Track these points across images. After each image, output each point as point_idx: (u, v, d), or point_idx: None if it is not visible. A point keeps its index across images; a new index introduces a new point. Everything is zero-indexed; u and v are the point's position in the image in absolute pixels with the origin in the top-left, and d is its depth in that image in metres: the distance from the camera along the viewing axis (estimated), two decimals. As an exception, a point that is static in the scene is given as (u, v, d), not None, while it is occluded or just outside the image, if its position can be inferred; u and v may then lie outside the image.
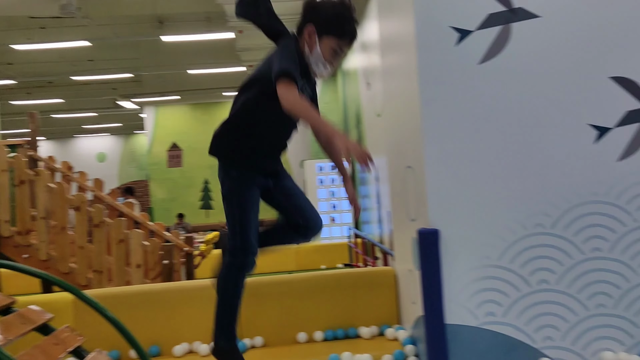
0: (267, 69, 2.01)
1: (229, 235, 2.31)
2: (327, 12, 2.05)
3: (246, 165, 2.17)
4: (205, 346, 3.84)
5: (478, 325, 3.27)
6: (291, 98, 1.88)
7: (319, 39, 2.04)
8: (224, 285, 2.49)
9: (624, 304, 3.31)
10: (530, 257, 3.30)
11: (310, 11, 2.06)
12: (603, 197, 3.30)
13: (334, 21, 2.06)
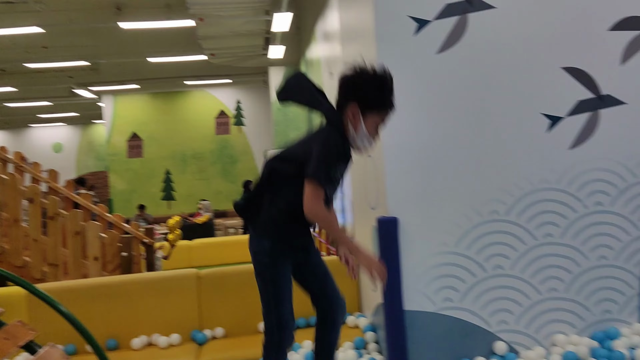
0: (307, 156, 1.91)
1: (264, 313, 2.15)
2: (369, 89, 1.95)
3: (282, 240, 2.04)
4: (164, 338, 3.80)
5: (436, 311, 3.34)
6: (314, 207, 1.86)
7: (363, 117, 1.95)
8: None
9: (575, 288, 3.42)
10: (486, 243, 3.37)
11: (352, 88, 1.95)
12: (555, 184, 3.40)
13: (377, 97, 1.97)
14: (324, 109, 1.88)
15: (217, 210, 15.08)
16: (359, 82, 1.93)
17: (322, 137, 1.89)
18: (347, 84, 1.94)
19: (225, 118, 16.15)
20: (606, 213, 3.43)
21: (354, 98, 1.92)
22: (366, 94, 1.93)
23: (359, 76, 1.94)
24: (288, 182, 1.93)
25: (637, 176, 3.44)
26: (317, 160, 1.84)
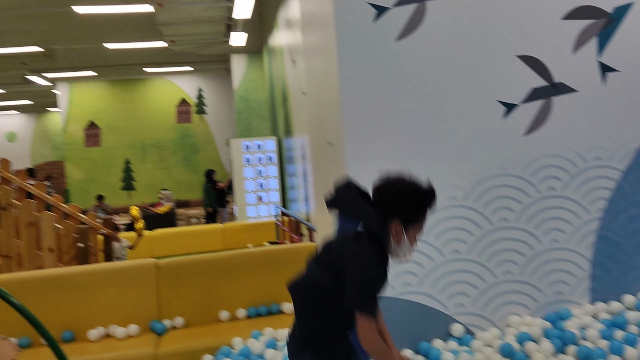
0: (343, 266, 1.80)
1: None
2: (412, 206, 1.84)
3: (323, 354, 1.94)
4: (122, 329, 3.74)
5: (395, 296, 3.38)
6: (371, 341, 1.75)
7: (406, 230, 1.84)
8: None
9: (529, 271, 3.52)
10: (444, 229, 3.43)
11: (395, 206, 1.83)
12: (510, 170, 3.48)
13: (419, 211, 1.86)
14: (372, 223, 1.80)
15: (179, 200, 14.88)
16: (402, 199, 1.84)
17: (361, 256, 1.78)
18: (389, 200, 1.83)
19: (187, 106, 15.89)
20: (559, 198, 3.53)
21: (396, 215, 1.82)
22: (409, 211, 1.84)
23: (401, 193, 1.85)
24: (328, 299, 1.84)
25: (587, 162, 3.55)
26: (361, 289, 1.75)
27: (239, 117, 12.47)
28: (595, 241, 3.57)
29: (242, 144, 10.93)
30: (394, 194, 1.79)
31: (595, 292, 3.58)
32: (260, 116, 12.35)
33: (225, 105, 15.63)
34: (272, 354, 3.42)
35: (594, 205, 3.57)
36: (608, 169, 3.57)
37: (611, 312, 3.48)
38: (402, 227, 1.79)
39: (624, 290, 3.60)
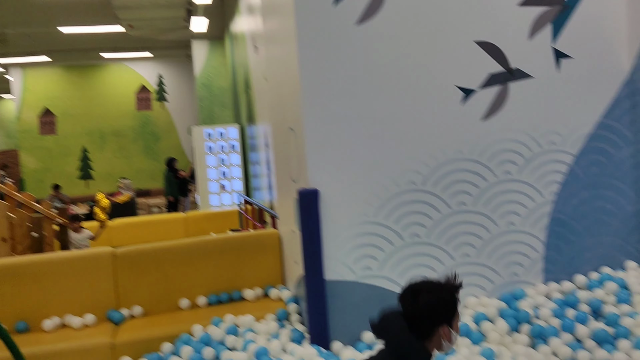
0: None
1: None
2: (451, 307, 1.92)
3: None
4: (78, 319, 3.65)
5: (356, 280, 3.41)
6: None
7: (452, 327, 1.93)
8: None
9: (486, 253, 3.60)
10: (404, 212, 3.46)
11: (445, 312, 1.90)
12: (468, 154, 3.54)
13: (456, 305, 1.95)
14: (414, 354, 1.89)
15: (140, 189, 14.59)
16: (443, 304, 1.90)
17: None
18: (434, 311, 1.88)
19: (147, 93, 15.53)
20: (514, 182, 3.61)
21: (442, 322, 1.89)
22: (451, 312, 1.92)
23: (437, 304, 1.90)
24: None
25: (542, 146, 3.64)
26: None
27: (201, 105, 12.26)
28: (548, 224, 3.67)
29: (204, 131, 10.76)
30: (435, 306, 1.87)
31: (548, 272, 3.69)
32: (222, 103, 12.18)
33: (186, 93, 15.34)
34: (233, 340, 3.41)
35: (547, 188, 3.67)
36: (561, 153, 3.67)
37: (563, 291, 3.59)
38: (449, 328, 1.90)
39: (575, 271, 3.72)
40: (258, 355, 3.10)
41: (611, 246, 3.76)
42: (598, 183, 3.72)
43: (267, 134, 8.18)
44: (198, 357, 3.24)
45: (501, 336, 3.18)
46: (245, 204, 8.38)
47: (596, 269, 3.74)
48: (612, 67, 3.72)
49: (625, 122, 3.73)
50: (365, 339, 3.35)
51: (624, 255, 3.78)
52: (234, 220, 9.11)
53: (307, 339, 3.40)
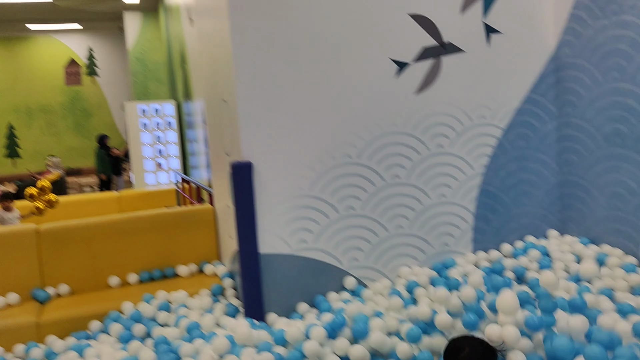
0: None
1: None
2: (490, 354, 2.16)
3: None
4: (0, 298, 3.47)
5: (291, 253, 3.40)
6: None
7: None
8: None
9: (418, 224, 3.68)
10: (339, 185, 3.47)
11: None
12: (402, 127, 3.57)
13: (492, 355, 2.17)
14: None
15: (70, 168, 13.99)
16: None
17: None
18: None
19: (76, 67, 14.80)
20: (446, 155, 3.69)
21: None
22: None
23: (481, 354, 2.14)
24: None
25: (473, 120, 3.73)
26: None
27: (134, 80, 11.80)
28: (477, 195, 3.79)
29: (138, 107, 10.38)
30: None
31: (477, 242, 3.82)
32: (157, 79, 11.77)
33: (119, 67, 14.72)
34: (165, 317, 3.33)
35: (477, 161, 3.77)
36: (491, 127, 3.78)
37: (490, 260, 3.73)
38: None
39: (502, 240, 3.87)
40: (190, 330, 3.05)
41: (535, 216, 3.93)
42: (524, 156, 3.87)
43: (204, 111, 8.00)
44: (128, 335, 3.15)
45: (432, 302, 3.27)
46: (183, 183, 8.19)
47: (521, 238, 3.91)
48: (538, 42, 3.84)
49: (550, 97, 3.88)
50: (300, 310, 3.36)
51: (546, 225, 3.96)
52: (170, 199, 8.89)
53: (241, 313, 3.38)
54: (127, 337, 3.14)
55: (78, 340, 3.22)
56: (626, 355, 2.34)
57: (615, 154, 3.49)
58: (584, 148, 3.73)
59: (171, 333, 3.07)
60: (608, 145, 3.54)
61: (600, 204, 3.64)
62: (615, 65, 3.42)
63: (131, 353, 2.88)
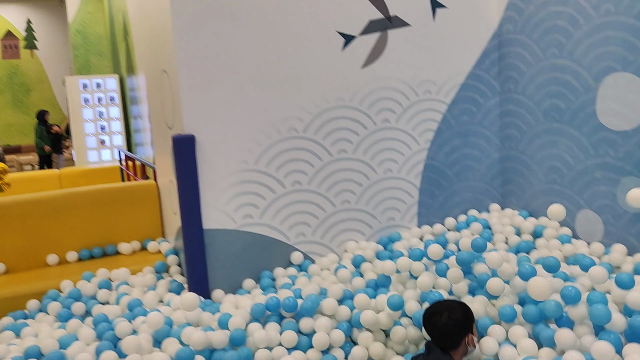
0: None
1: None
2: (468, 314, 2.33)
3: None
4: None
5: (236, 228, 3.35)
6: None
7: (472, 333, 2.33)
8: None
9: (365, 199, 3.69)
10: (285, 160, 3.44)
11: (464, 325, 2.29)
12: (348, 102, 3.56)
13: (470, 315, 2.35)
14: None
15: (9, 146, 13.33)
16: (463, 320, 2.28)
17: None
18: (459, 324, 2.27)
19: (14, 40, 14.01)
20: (392, 129, 3.71)
21: (467, 331, 2.28)
22: (470, 322, 2.32)
23: (458, 316, 2.28)
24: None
25: (418, 95, 3.75)
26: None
27: (75, 53, 11.28)
28: (423, 170, 3.84)
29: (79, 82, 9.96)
30: (458, 323, 2.26)
31: (422, 216, 3.88)
32: (99, 52, 11.29)
33: (59, 40, 14.02)
34: (105, 294, 3.24)
35: (423, 136, 3.81)
36: (436, 102, 3.82)
37: (434, 233, 3.80)
38: (471, 334, 2.30)
39: (446, 214, 3.95)
40: (131, 307, 2.97)
41: (478, 190, 4.02)
42: (468, 131, 3.93)
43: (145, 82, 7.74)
44: (67, 313, 3.04)
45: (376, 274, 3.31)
46: (127, 160, 7.94)
47: (465, 212, 3.99)
48: (482, 18, 3.88)
49: (493, 72, 3.95)
50: (246, 286, 3.33)
51: (488, 199, 4.06)
52: (114, 177, 8.62)
53: (186, 290, 3.32)
54: (66, 315, 3.03)
55: (15, 320, 3.09)
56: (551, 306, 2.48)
57: (553, 128, 3.60)
58: (524, 123, 3.82)
59: (112, 311, 2.99)
60: (546, 120, 3.64)
61: (539, 178, 3.76)
62: (555, 41, 3.51)
63: (70, 331, 2.79)
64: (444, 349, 2.28)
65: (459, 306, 2.36)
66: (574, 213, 3.52)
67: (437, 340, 2.30)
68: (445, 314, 2.27)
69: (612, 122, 3.21)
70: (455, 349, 2.28)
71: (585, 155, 3.40)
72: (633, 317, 2.32)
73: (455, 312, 2.30)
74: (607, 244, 3.30)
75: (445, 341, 2.27)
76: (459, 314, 2.29)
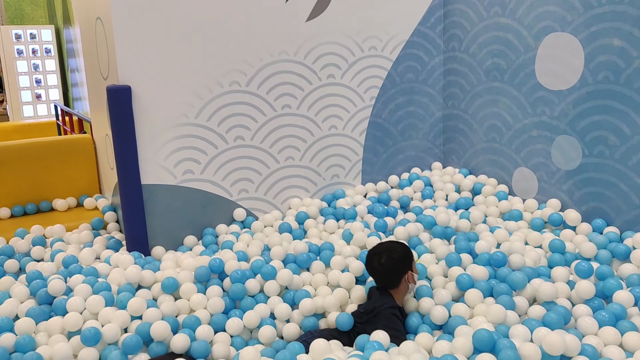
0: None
1: None
2: (406, 253, 2.45)
3: None
4: None
5: (176, 184, 3.27)
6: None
7: (412, 270, 2.43)
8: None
9: (309, 156, 3.67)
10: (227, 115, 3.35)
11: (402, 264, 2.41)
12: (292, 56, 3.48)
13: (408, 254, 2.46)
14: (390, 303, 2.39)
15: None
16: (404, 255, 2.43)
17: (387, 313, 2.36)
18: (398, 262, 2.41)
19: None
20: (337, 85, 3.67)
21: (406, 269, 2.41)
22: (409, 260, 2.44)
23: (399, 254, 2.42)
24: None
25: (364, 51, 3.72)
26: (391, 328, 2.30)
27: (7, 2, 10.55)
28: (367, 127, 3.84)
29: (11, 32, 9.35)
30: (397, 259, 2.41)
31: (366, 174, 3.90)
32: (33, 1, 10.61)
33: None
34: (40, 252, 3.12)
35: (367, 93, 3.80)
36: (381, 58, 3.79)
37: (378, 190, 3.84)
38: (411, 272, 2.42)
39: (390, 172, 3.99)
40: (66, 264, 2.87)
41: (421, 149, 4.07)
42: (412, 89, 3.95)
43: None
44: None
45: (319, 232, 3.33)
46: (64, 115, 7.60)
47: (408, 170, 4.05)
48: (429, -25, 3.86)
49: (437, 30, 3.95)
50: (187, 243, 3.29)
51: (431, 157, 4.13)
52: (50, 133, 8.25)
53: (124, 247, 3.24)
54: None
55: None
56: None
57: (494, 88, 3.66)
58: (467, 82, 3.87)
59: (46, 268, 2.88)
60: (488, 79, 3.70)
61: (479, 137, 3.84)
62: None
63: (2, 289, 2.69)
64: (385, 289, 2.41)
65: (398, 245, 2.49)
66: (511, 171, 3.62)
67: (378, 280, 2.44)
68: (384, 254, 2.40)
69: (550, 82, 3.29)
70: (396, 287, 2.39)
71: (523, 114, 3.48)
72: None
73: (394, 252, 2.42)
74: (540, 200, 3.44)
75: (386, 280, 2.39)
76: (397, 253, 2.42)
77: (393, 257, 2.39)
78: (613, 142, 2.97)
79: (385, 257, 2.39)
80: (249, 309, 2.53)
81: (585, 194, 3.17)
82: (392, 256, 2.39)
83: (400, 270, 2.38)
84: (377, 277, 2.44)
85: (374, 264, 2.43)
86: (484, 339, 2.07)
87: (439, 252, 2.87)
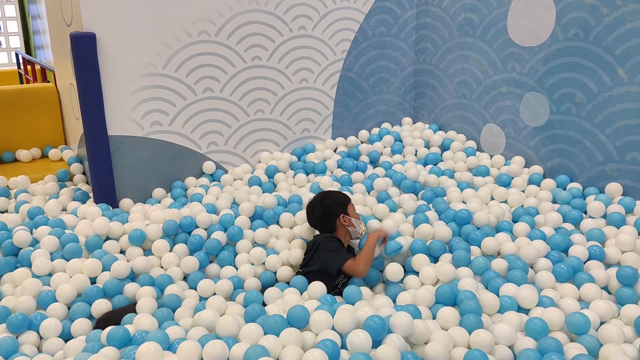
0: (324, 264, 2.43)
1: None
2: (338, 199, 2.58)
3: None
4: None
5: (144, 136, 3.21)
6: (360, 268, 2.37)
7: (349, 214, 2.54)
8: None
9: (279, 109, 3.64)
10: (196, 65, 3.28)
11: (334, 208, 2.53)
12: (263, 6, 3.39)
13: (342, 199, 2.59)
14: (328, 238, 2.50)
15: None
16: (335, 201, 2.56)
17: (328, 246, 2.46)
18: (330, 208, 2.53)
19: None
20: (308, 37, 3.61)
21: (339, 212, 2.52)
22: (342, 205, 2.56)
23: (332, 203, 2.55)
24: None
25: (336, 2, 3.65)
26: (334, 257, 2.42)
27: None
28: (338, 81, 3.81)
29: (-34, -26, 8.86)
30: (327, 205, 2.54)
31: (336, 128, 3.90)
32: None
33: None
34: (3, 203, 3.05)
35: (339, 46, 3.75)
36: (353, 11, 3.73)
37: (348, 145, 3.85)
38: (344, 215, 2.52)
39: (360, 127, 3.99)
40: (32, 215, 2.83)
41: (391, 103, 4.07)
42: (384, 43, 3.91)
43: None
44: (-42, 224, 2.85)
45: (289, 185, 3.34)
46: (25, 64, 7.31)
47: (378, 125, 4.05)
48: None
49: (412, -17, 3.89)
50: (156, 195, 3.26)
51: (401, 112, 4.14)
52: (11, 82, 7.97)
53: (91, 199, 3.19)
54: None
55: None
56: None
57: (466, 43, 3.65)
58: (439, 37, 3.85)
59: (11, 219, 2.83)
60: (460, 34, 3.68)
61: (449, 92, 3.85)
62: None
63: (-36, 241, 2.63)
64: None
65: (333, 193, 2.68)
66: (480, 127, 3.67)
67: (318, 227, 2.60)
68: (318, 203, 2.57)
69: (521, 38, 3.29)
70: (334, 230, 2.54)
71: (494, 71, 3.50)
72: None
73: (327, 199, 2.57)
74: (507, 156, 3.50)
75: (321, 226, 2.57)
76: (330, 199, 2.58)
77: (326, 203, 2.54)
78: (580, 100, 3.02)
79: (319, 205, 2.55)
80: (226, 264, 2.57)
81: (550, 150, 3.23)
82: (324, 202, 2.55)
83: (333, 214, 2.51)
84: (315, 224, 2.60)
85: (310, 213, 2.60)
86: (446, 293, 2.13)
87: (407, 207, 2.91)
